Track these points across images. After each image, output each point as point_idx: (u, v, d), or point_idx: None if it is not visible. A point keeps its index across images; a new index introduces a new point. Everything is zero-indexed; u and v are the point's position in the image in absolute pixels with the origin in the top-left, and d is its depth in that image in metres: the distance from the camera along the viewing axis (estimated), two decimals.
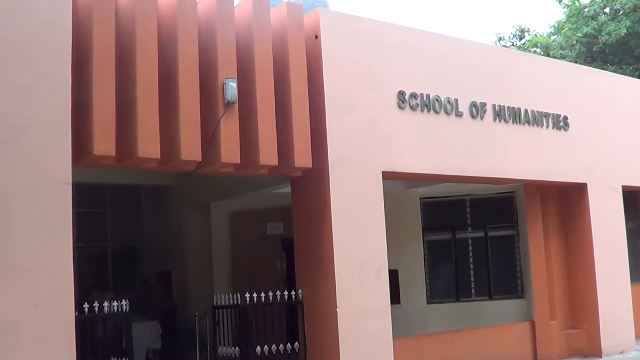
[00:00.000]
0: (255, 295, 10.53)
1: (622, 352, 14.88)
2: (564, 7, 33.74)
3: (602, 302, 14.70)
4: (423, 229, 15.30)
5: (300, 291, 10.97)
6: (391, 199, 11.89)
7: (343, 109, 11.04)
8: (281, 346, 10.73)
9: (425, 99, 12.09)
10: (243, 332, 10.62)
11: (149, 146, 9.09)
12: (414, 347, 12.39)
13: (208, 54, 9.84)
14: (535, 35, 36.77)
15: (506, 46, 36.18)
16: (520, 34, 37.65)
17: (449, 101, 12.42)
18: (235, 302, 10.60)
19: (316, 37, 11.00)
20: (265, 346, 10.60)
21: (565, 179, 14.53)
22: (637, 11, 29.51)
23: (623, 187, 15.77)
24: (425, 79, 12.31)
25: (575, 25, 31.36)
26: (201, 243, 15.38)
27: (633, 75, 26.09)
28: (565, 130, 14.50)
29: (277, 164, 10.30)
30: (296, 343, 10.89)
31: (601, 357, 14.51)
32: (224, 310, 10.78)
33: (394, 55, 11.97)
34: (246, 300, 10.49)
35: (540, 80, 14.45)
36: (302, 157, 10.50)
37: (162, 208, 16.28)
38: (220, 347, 10.82)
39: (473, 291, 15.27)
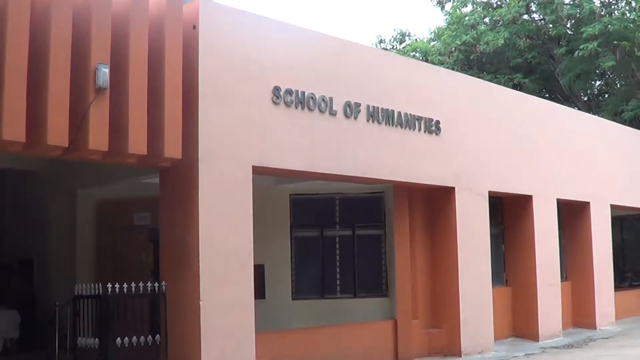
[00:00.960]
0: (117, 285, 10.67)
1: (480, 352, 15.76)
2: (445, 15, 35.19)
3: (463, 303, 15.57)
4: (291, 225, 15.72)
5: (163, 283, 11.15)
6: (261, 194, 12.25)
7: (217, 102, 11.29)
8: (142, 338, 10.90)
9: (300, 96, 12.50)
10: (103, 323, 10.74)
11: (14, 129, 9.07)
12: (276, 342, 12.81)
13: (81, 38, 9.88)
14: (416, 40, 38.15)
15: (386, 49, 37.29)
16: (401, 37, 39.05)
17: (323, 99, 12.89)
18: (96, 292, 10.70)
19: (194, 27, 11.17)
20: (126, 338, 10.76)
21: (433, 182, 15.29)
22: (515, 23, 31.13)
23: (490, 192, 16.69)
24: (302, 76, 12.71)
25: (454, 33, 32.87)
26: (65, 231, 15.23)
27: (507, 85, 27.53)
28: (436, 134, 15.24)
29: (146, 153, 10.44)
30: (158, 335, 11.04)
31: (460, 356, 15.34)
32: (85, 300, 10.85)
33: (271, 50, 12.31)
34: (108, 291, 10.62)
35: (415, 84, 15.13)
36: (172, 148, 10.68)
37: (26, 193, 16.14)
38: (80, 338, 10.90)
39: (338, 288, 15.82)
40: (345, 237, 15.97)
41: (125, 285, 10.74)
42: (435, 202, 16.07)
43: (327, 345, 13.72)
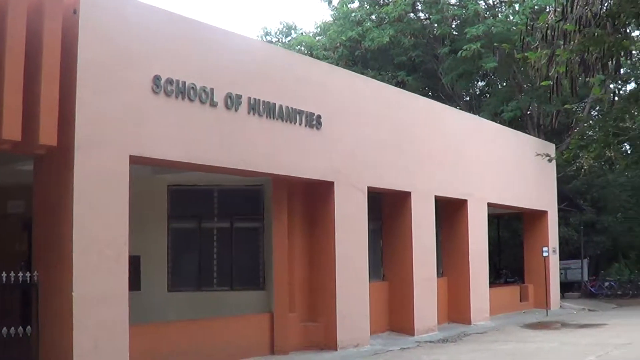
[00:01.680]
0: None
1: (356, 346, 16.20)
2: (332, 10, 35.80)
3: (340, 297, 15.98)
4: (169, 216, 15.91)
5: (35, 273, 11.06)
6: (138, 184, 12.35)
7: (95, 89, 11.30)
8: (12, 329, 10.74)
9: (181, 85, 12.65)
10: None
11: None
12: (150, 334, 12.91)
13: None
14: (302, 33, 38.64)
15: (272, 42, 37.63)
16: (286, 31, 39.52)
17: (204, 90, 13.07)
18: None
19: (74, 11, 11.14)
20: None
21: (313, 176, 15.65)
22: (401, 21, 31.97)
23: (369, 188, 17.19)
24: (183, 66, 12.83)
25: (340, 29, 33.53)
26: None
27: (391, 83, 28.23)
28: (317, 129, 15.63)
29: (20, 139, 10.41)
30: (29, 327, 10.92)
31: (336, 350, 15.71)
32: None
33: (154, 38, 12.42)
34: None
35: (297, 78, 15.47)
36: (47, 135, 10.66)
37: None
38: None
39: (215, 281, 16.12)
40: (223, 229, 16.26)
41: None
42: (314, 196, 16.39)
43: (203, 337, 13.85)
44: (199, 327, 14.06)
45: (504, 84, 35.01)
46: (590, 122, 28.17)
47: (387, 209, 19.50)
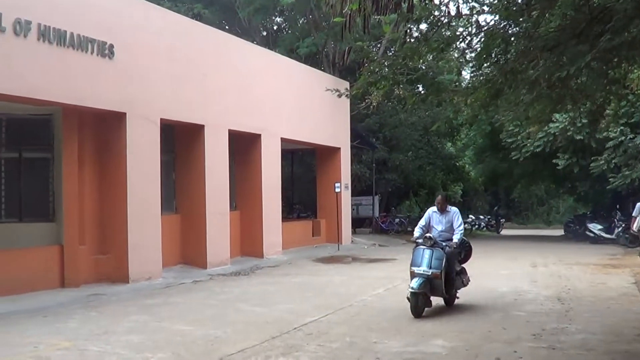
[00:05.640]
0: None
1: (148, 279, 16.78)
2: None
3: (132, 230, 16.50)
4: None
5: None
6: None
7: None
8: None
9: None
10: None
11: None
12: None
13: None
14: None
15: None
16: None
17: None
18: None
19: None
20: None
21: (105, 106, 15.93)
22: None
23: (162, 120, 17.68)
24: None
25: None
26: None
27: (187, 15, 28.23)
28: (110, 58, 15.89)
29: None
30: None
31: (128, 282, 16.21)
32: None
33: None
34: None
35: (90, 5, 15.62)
36: None
37: None
38: None
39: (3, 213, 16.17)
40: (11, 159, 16.25)
41: None
42: (106, 127, 16.66)
43: None
44: None
45: (302, 20, 36.01)
46: (383, 60, 29.65)
47: (180, 142, 20.02)
